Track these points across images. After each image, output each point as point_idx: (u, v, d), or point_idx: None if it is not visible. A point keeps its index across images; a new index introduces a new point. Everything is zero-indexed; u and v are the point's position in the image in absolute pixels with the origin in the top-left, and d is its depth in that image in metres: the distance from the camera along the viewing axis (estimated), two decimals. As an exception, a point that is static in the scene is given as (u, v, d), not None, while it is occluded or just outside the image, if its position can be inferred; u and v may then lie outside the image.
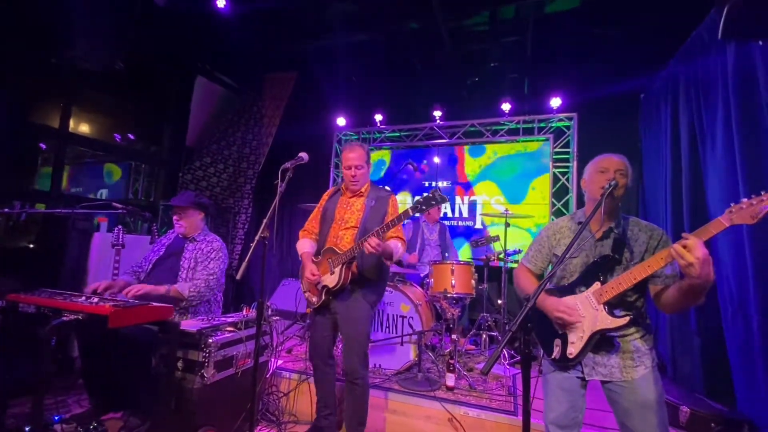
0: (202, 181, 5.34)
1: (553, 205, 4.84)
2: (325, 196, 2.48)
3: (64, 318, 1.91)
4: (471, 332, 3.84)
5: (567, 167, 4.85)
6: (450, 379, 2.73)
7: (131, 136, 6.22)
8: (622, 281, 1.41)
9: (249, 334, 2.44)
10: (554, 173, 4.89)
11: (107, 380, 2.47)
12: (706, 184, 2.70)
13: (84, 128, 4.87)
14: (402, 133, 5.70)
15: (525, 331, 1.22)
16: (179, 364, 2.18)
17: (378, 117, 5.56)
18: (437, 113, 5.25)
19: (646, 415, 1.45)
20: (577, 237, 1.36)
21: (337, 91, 5.53)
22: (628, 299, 1.50)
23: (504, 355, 3.37)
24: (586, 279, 1.54)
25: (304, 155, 2.12)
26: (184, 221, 2.67)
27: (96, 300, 2.00)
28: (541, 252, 1.75)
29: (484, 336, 3.67)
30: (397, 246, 2.15)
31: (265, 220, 1.84)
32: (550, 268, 1.72)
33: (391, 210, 2.24)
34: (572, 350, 1.52)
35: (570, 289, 1.58)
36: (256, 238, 1.78)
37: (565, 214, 4.78)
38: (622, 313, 1.47)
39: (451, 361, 2.75)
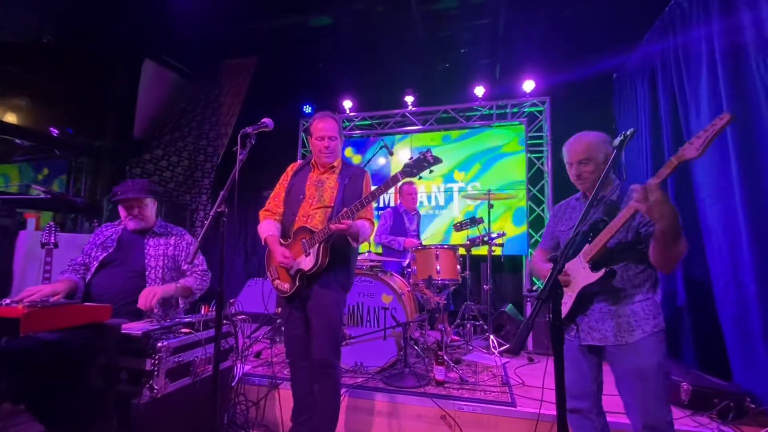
0: (154, 175, 4.84)
1: (529, 191, 4.75)
2: (289, 171, 2.19)
3: (-42, 325, 1.50)
4: (455, 323, 3.63)
5: (542, 151, 4.78)
6: (439, 373, 2.49)
7: (69, 130, 5.57)
8: (602, 236, 1.40)
9: (209, 336, 2.09)
10: (529, 158, 4.80)
11: (38, 399, 2.04)
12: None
13: (10, 117, 4.26)
14: (373, 121, 5.45)
15: (555, 298, 1.00)
16: (122, 375, 1.80)
17: (347, 104, 5.27)
18: (409, 99, 5.04)
19: (636, 384, 1.40)
20: (586, 214, 1.29)
21: (303, 77, 5.21)
22: (617, 258, 1.46)
23: (493, 343, 3.19)
24: (581, 245, 1.50)
25: (268, 121, 1.81)
26: (143, 214, 2.26)
27: (7, 301, 1.60)
28: (547, 233, 1.83)
29: (468, 326, 3.47)
30: (364, 226, 1.95)
31: (222, 193, 1.52)
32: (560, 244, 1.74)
33: (366, 189, 2.03)
34: (564, 310, 1.51)
35: (574, 257, 1.51)
36: (211, 213, 1.46)
37: (541, 200, 4.80)
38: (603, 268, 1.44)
39: (440, 353, 2.52)
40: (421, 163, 1.66)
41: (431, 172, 1.72)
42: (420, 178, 1.85)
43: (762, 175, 2.13)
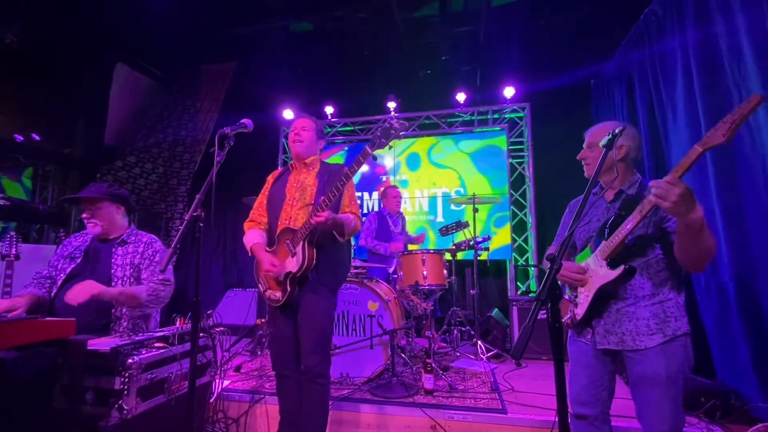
0: (126, 183, 4.64)
1: (511, 195, 4.78)
2: (270, 179, 2.13)
3: None
4: (442, 329, 3.58)
5: (523, 157, 4.83)
6: (428, 381, 2.42)
7: (35, 137, 5.30)
8: (620, 232, 1.32)
9: (185, 351, 1.97)
10: (511, 164, 4.85)
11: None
12: (669, 155, 2.70)
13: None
14: (356, 127, 5.40)
15: (553, 299, 0.95)
16: (87, 395, 1.66)
17: (329, 109, 5.21)
18: (391, 105, 5.02)
19: (653, 391, 1.31)
20: (584, 202, 1.24)
21: (283, 82, 5.12)
22: (637, 255, 1.38)
23: (481, 349, 3.14)
24: (599, 241, 1.43)
25: (247, 122, 1.76)
26: (97, 219, 2.12)
27: (-44, 318, 1.45)
28: (562, 229, 1.74)
29: (455, 332, 3.42)
30: (348, 219, 1.87)
31: (198, 196, 1.43)
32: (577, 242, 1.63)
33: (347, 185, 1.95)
34: (579, 311, 1.44)
35: (579, 252, 1.48)
36: (186, 217, 1.36)
37: (523, 204, 4.84)
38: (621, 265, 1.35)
39: (429, 361, 2.46)
40: (388, 131, 1.61)
41: (400, 138, 1.67)
42: (390, 148, 1.79)
43: (737, 177, 2.17)
